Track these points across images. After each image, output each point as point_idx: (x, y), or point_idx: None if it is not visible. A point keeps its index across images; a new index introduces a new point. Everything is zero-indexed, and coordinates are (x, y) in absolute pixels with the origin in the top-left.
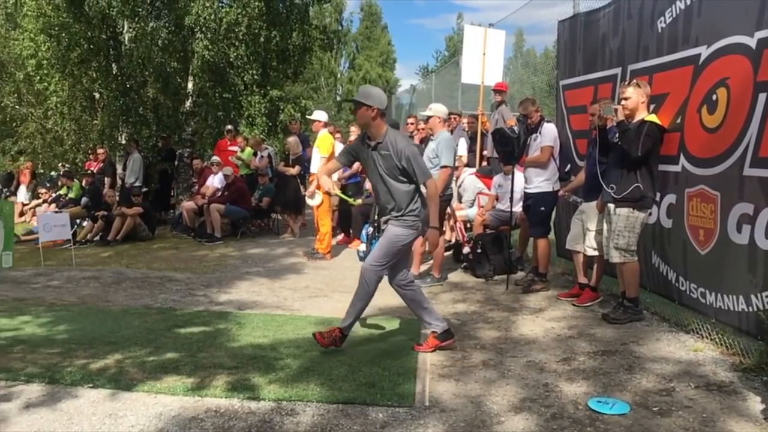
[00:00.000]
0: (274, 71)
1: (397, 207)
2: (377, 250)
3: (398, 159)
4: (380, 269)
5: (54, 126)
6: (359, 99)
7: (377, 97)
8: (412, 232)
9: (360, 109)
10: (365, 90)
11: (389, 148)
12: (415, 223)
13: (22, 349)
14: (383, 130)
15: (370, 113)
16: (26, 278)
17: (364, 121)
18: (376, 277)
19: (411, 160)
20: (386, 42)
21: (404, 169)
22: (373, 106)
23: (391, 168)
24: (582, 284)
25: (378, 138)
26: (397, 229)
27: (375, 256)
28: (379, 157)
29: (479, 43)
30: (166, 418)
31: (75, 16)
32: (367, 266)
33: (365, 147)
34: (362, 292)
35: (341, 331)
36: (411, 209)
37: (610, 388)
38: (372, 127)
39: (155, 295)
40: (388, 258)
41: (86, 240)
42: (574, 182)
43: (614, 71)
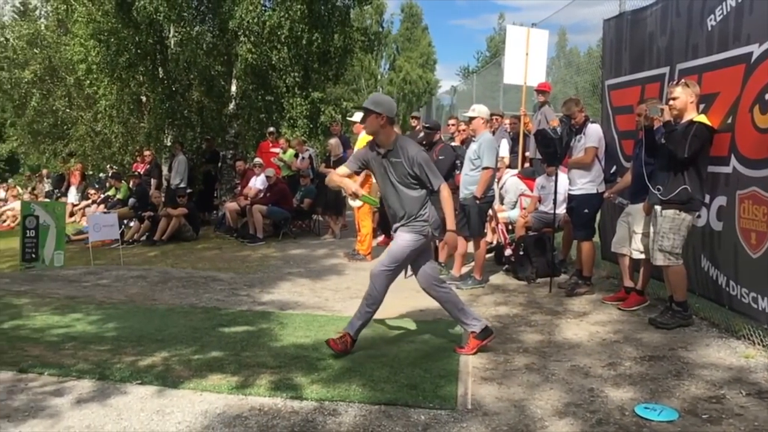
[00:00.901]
0: (316, 73)
1: (407, 213)
2: (386, 255)
3: (410, 166)
4: (389, 274)
5: (103, 129)
6: (368, 106)
7: (386, 104)
8: (421, 237)
9: (369, 116)
10: (374, 98)
11: (400, 155)
12: (424, 228)
13: (74, 345)
14: (393, 137)
15: (379, 121)
16: (77, 277)
17: (374, 128)
18: (385, 281)
19: (423, 166)
20: (427, 43)
21: (416, 176)
22: (383, 114)
23: (403, 175)
24: (628, 288)
25: (388, 145)
26: (406, 234)
27: (383, 261)
28: (390, 164)
29: (522, 43)
30: (212, 415)
31: (123, 21)
32: (375, 271)
33: (375, 154)
34: (371, 298)
35: (351, 336)
36: (420, 215)
37: (658, 394)
38: (381, 134)
39: (200, 295)
40: (397, 263)
41: (133, 240)
42: (620, 184)
43: (662, 70)
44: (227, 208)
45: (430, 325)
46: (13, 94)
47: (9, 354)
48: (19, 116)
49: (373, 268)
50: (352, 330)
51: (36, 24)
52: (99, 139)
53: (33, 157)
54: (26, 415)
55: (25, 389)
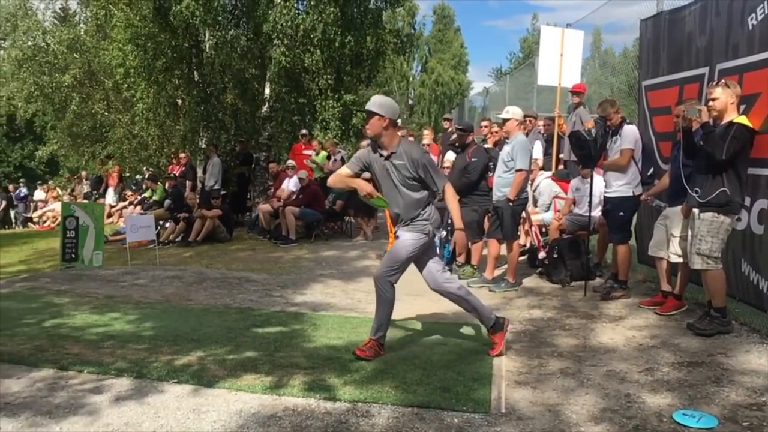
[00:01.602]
0: (348, 76)
1: (409, 214)
2: (388, 257)
3: (414, 169)
4: (392, 275)
5: (140, 131)
6: (371, 109)
7: (389, 106)
8: (423, 236)
9: (372, 118)
10: (377, 100)
11: (404, 157)
12: (426, 227)
13: (112, 344)
14: (396, 140)
15: (382, 123)
16: (115, 276)
17: (377, 131)
18: (389, 283)
19: (428, 167)
20: (459, 44)
21: (420, 178)
22: (386, 116)
23: (406, 177)
24: (665, 292)
25: (391, 148)
26: (409, 234)
27: (386, 263)
28: (393, 166)
29: (556, 43)
30: (246, 415)
31: (161, 25)
32: (378, 274)
33: (377, 156)
34: (382, 300)
35: (377, 341)
36: (421, 214)
37: (697, 401)
38: (384, 137)
39: (234, 295)
40: (399, 264)
41: (169, 240)
42: (657, 186)
43: (701, 71)
44: (260, 210)
45: (462, 328)
46: (53, 97)
47: (50, 352)
48: (59, 119)
49: (376, 272)
50: (375, 335)
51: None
52: (136, 141)
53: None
54: (67, 411)
55: (66, 386)
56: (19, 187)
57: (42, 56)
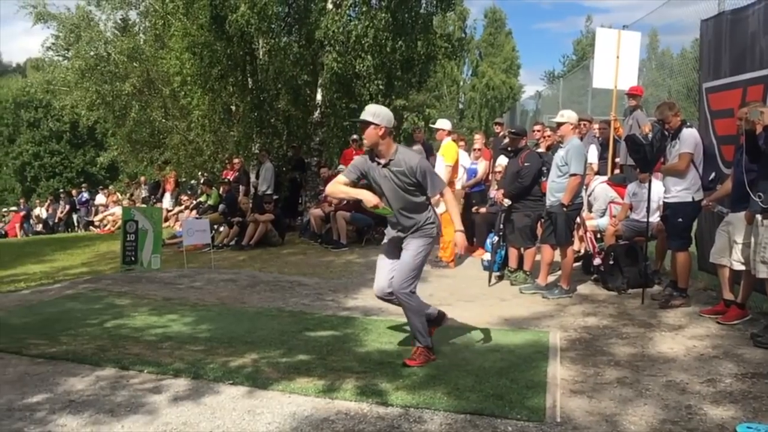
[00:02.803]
0: (399, 81)
1: (415, 220)
2: (401, 269)
3: (413, 175)
4: (410, 286)
5: (195, 138)
6: (366, 118)
7: (384, 115)
8: (431, 239)
9: (367, 128)
10: (371, 109)
11: (402, 165)
12: (432, 230)
13: (170, 345)
14: (393, 148)
15: (378, 132)
16: (172, 279)
17: (373, 140)
18: (409, 293)
19: (426, 173)
20: (510, 48)
21: (419, 183)
22: (381, 125)
23: (406, 184)
24: (728, 301)
25: (389, 156)
26: (418, 240)
27: (401, 276)
28: (392, 174)
29: (612, 45)
30: (300, 417)
31: (216, 34)
32: (396, 288)
33: (375, 165)
34: (410, 310)
35: (425, 347)
36: (427, 217)
37: (762, 414)
38: (381, 145)
39: (287, 299)
40: (414, 272)
41: (223, 244)
42: (719, 191)
43: (765, 72)
44: (312, 215)
45: (515, 335)
46: (114, 105)
47: (112, 351)
48: (119, 126)
49: (394, 287)
50: (423, 342)
51: (135, 39)
52: (191, 147)
53: (131, 165)
54: (128, 410)
55: (127, 386)
56: (81, 192)
57: (103, 65)
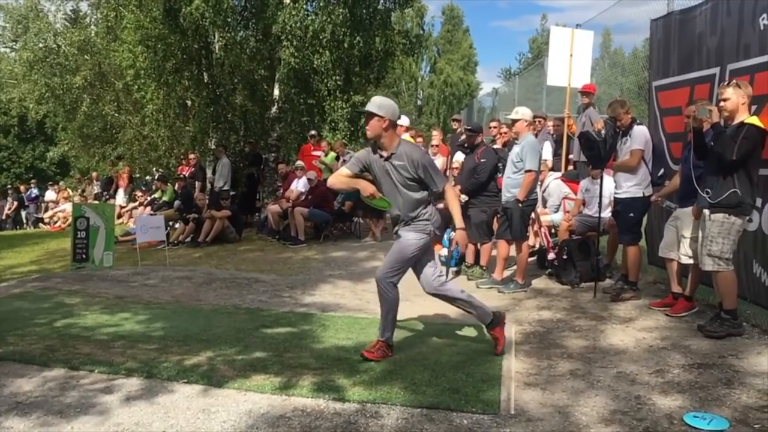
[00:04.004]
0: (357, 77)
1: (410, 214)
2: (390, 258)
3: (414, 169)
4: (393, 277)
5: (150, 133)
6: (371, 110)
7: (389, 108)
8: (424, 236)
9: (372, 119)
10: (377, 101)
11: (404, 158)
12: (427, 227)
13: (123, 344)
14: (395, 141)
15: (381, 124)
16: (124, 277)
17: (376, 132)
18: (391, 284)
19: (428, 168)
20: (468, 45)
21: (419, 178)
22: (385, 117)
23: (406, 178)
24: (676, 293)
25: (391, 149)
26: (410, 234)
27: (387, 265)
28: (393, 167)
29: (566, 44)
30: (256, 415)
31: (171, 27)
32: (380, 276)
33: (377, 157)
34: (386, 301)
35: (385, 342)
36: (422, 214)
37: (708, 403)
38: (384, 137)
39: (243, 296)
40: (401, 264)
41: (178, 241)
42: (668, 187)
43: (712, 71)
44: (269, 211)
45: (471, 329)
46: (64, 99)
47: (61, 351)
48: (70, 121)
49: (377, 274)
50: (383, 336)
51: (86, 31)
52: (146, 142)
53: (83, 160)
54: (78, 411)
55: (77, 386)
56: (30, 188)
57: (53, 58)
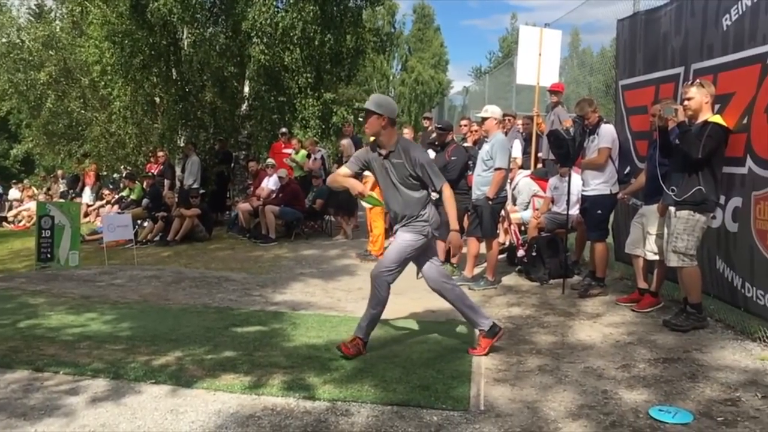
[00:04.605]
0: (328, 74)
1: (408, 214)
2: (387, 256)
3: (412, 167)
4: (390, 275)
5: (117, 130)
6: (370, 107)
7: (387, 105)
8: (422, 237)
9: (370, 117)
10: (375, 99)
11: (402, 156)
12: (425, 228)
13: (89, 344)
14: (394, 138)
15: (380, 122)
16: (91, 276)
17: (375, 129)
18: (386, 283)
19: (426, 167)
20: (438, 44)
21: (418, 177)
22: (384, 115)
23: (404, 176)
24: (642, 289)
25: (389, 147)
26: (407, 234)
27: (383, 262)
28: (391, 165)
29: (535, 43)
30: (225, 415)
31: (138, 23)
32: (376, 273)
33: (376, 156)
34: (375, 300)
35: (361, 339)
36: (421, 214)
37: (672, 397)
38: (382, 135)
39: (213, 295)
40: (398, 264)
41: (147, 240)
42: (634, 185)
43: (677, 71)
44: (240, 209)
45: (442, 326)
46: (28, 95)
47: (25, 353)
48: (35, 117)
49: (373, 270)
50: (362, 333)
51: (51, 26)
52: (113, 140)
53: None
54: (42, 413)
55: (41, 388)
56: None
57: (16, 53)
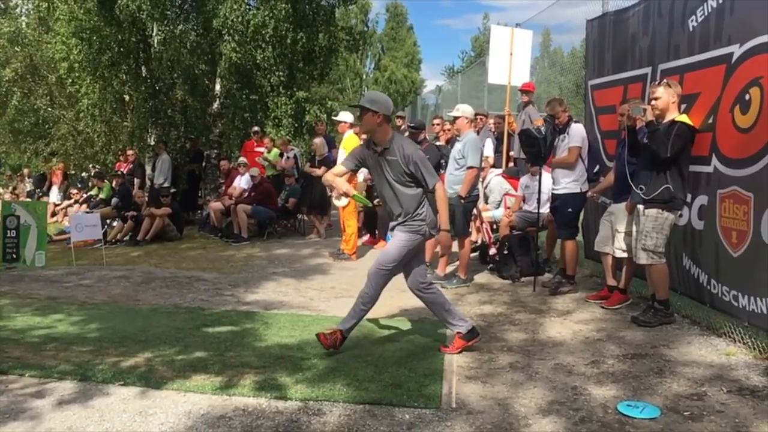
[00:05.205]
0: (301, 73)
1: (404, 212)
2: (384, 255)
3: (406, 164)
4: (387, 273)
5: (85, 128)
6: (365, 105)
7: (383, 102)
8: (419, 236)
9: (366, 114)
10: (371, 96)
11: (396, 153)
12: (422, 227)
13: (55, 346)
14: (389, 135)
15: (375, 119)
16: (58, 277)
17: (370, 127)
18: (382, 281)
19: (419, 164)
20: (412, 43)
21: (412, 174)
22: (379, 112)
23: (399, 173)
24: (611, 286)
25: (384, 144)
26: (404, 234)
27: (381, 261)
28: (386, 162)
29: (506, 43)
30: (195, 416)
31: (106, 19)
32: (374, 270)
33: (372, 153)
34: (367, 296)
35: (342, 333)
36: (417, 213)
37: (640, 392)
38: (378, 132)
39: (184, 295)
40: (394, 262)
41: (116, 240)
42: (602, 183)
43: (644, 71)
44: (211, 208)
45: (415, 325)
46: None
47: None
48: (0, 115)
49: (370, 267)
50: (344, 327)
51: (17, 22)
52: (81, 138)
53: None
54: (6, 417)
55: (6, 391)
56: None
57: None
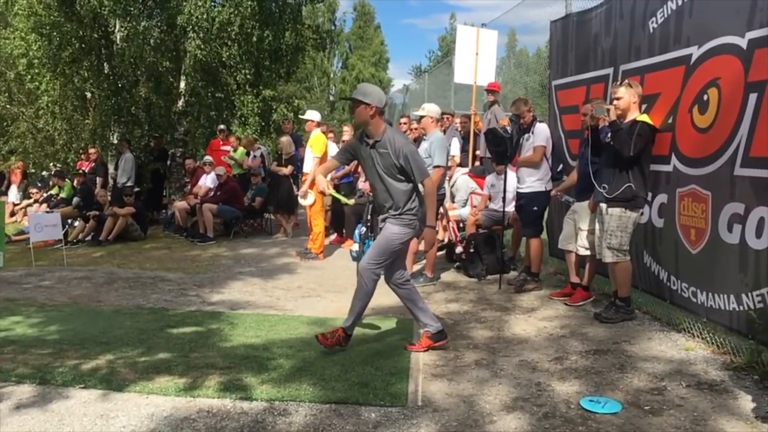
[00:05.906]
0: (267, 71)
1: (394, 206)
2: (374, 248)
3: (396, 157)
4: (377, 268)
5: (45, 125)
6: (357, 97)
7: (376, 95)
8: (410, 231)
9: (358, 107)
10: (364, 88)
11: (387, 146)
12: (413, 222)
13: (13, 349)
14: (381, 128)
15: (368, 111)
16: (17, 278)
17: (363, 119)
18: (373, 276)
19: (409, 158)
20: (379, 42)
21: (402, 168)
22: (372, 104)
23: (389, 166)
24: (574, 284)
25: (376, 136)
26: (395, 227)
27: (372, 255)
28: (378, 155)
29: (472, 43)
30: (158, 418)
31: (66, 15)
32: (364, 265)
33: (363, 145)
34: (361, 292)
35: (344, 330)
36: (409, 208)
37: (602, 387)
38: (370, 125)
39: (147, 295)
40: (386, 256)
41: (78, 240)
42: (566, 182)
43: (606, 71)
44: (176, 207)
45: (381, 323)
46: None
47: None
48: None
49: (361, 263)
50: (346, 325)
51: None
52: (41, 136)
53: None
54: None
55: None
56: None
57: None
